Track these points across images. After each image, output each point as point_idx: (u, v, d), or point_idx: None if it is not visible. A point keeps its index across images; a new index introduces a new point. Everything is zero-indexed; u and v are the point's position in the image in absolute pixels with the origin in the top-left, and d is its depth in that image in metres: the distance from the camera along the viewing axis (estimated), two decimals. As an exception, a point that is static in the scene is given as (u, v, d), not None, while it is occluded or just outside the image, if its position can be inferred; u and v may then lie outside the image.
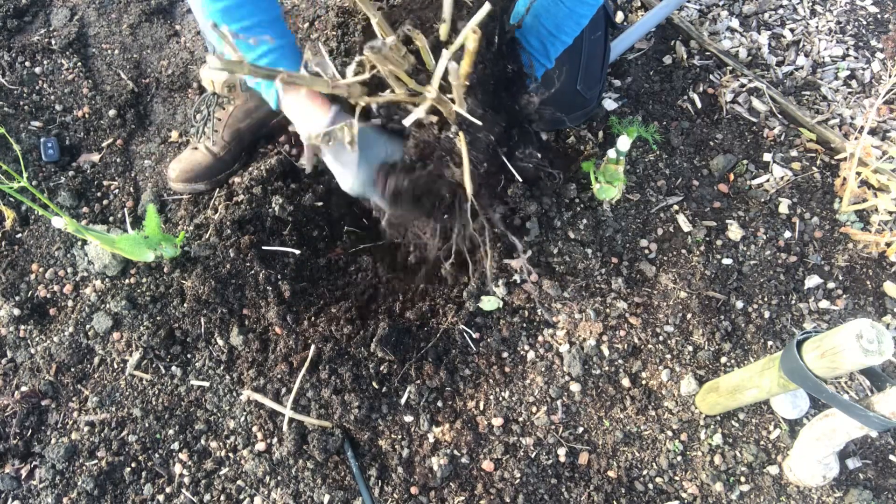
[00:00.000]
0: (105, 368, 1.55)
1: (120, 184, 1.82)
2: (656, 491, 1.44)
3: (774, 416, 1.53)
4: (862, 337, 1.03)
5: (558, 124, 1.81)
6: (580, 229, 1.70)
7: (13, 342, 1.58)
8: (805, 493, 1.45)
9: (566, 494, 1.42)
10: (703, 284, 1.66)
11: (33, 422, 1.49)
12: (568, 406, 1.52)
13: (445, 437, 1.47)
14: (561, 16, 1.33)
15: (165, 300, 1.61)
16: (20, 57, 1.99)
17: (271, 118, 1.83)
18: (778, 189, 1.81)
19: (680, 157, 1.85)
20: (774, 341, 1.61)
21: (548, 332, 1.59)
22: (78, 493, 1.41)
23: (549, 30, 1.35)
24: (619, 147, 1.61)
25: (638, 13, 2.14)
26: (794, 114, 1.92)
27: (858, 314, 1.66)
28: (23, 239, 1.72)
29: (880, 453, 1.50)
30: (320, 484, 1.41)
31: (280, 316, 1.54)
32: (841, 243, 1.74)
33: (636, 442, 1.49)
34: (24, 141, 1.84)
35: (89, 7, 2.12)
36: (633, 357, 1.57)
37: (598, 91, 1.78)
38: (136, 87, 1.98)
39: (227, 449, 1.47)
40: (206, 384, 1.53)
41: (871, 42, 2.12)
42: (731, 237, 1.73)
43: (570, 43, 1.38)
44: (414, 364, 1.52)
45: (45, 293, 1.64)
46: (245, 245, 1.60)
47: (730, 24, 2.13)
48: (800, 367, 1.13)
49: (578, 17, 1.35)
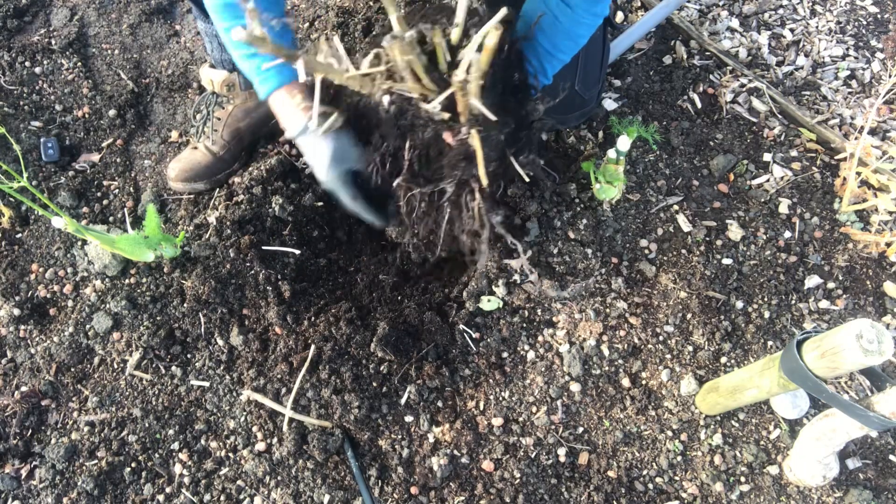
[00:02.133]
0: (105, 368, 1.55)
1: (120, 184, 1.82)
2: (656, 491, 1.44)
3: (774, 416, 1.53)
4: (862, 337, 1.03)
5: (558, 125, 1.81)
6: (580, 229, 1.70)
7: (13, 342, 1.58)
8: (805, 493, 1.45)
9: (566, 494, 1.42)
10: (703, 284, 1.66)
11: (33, 422, 1.49)
12: (568, 406, 1.52)
13: (445, 437, 1.47)
14: (559, 36, 1.34)
15: (165, 300, 1.61)
16: (20, 57, 1.99)
17: (271, 118, 1.82)
18: (778, 189, 1.81)
19: (680, 157, 1.85)
20: (774, 341, 1.61)
21: (548, 332, 1.59)
22: (78, 493, 1.41)
23: (546, 48, 1.35)
24: (619, 147, 1.61)
25: (638, 13, 2.14)
26: (794, 114, 1.92)
27: (858, 314, 1.66)
28: (23, 239, 1.72)
29: (880, 453, 1.50)
30: (320, 484, 1.41)
31: (280, 316, 1.54)
32: (841, 243, 1.74)
33: (636, 442, 1.49)
34: (24, 141, 1.84)
35: (89, 7, 2.12)
36: (633, 357, 1.57)
37: (598, 91, 1.78)
38: (136, 87, 1.98)
39: (227, 449, 1.47)
40: (206, 384, 1.53)
41: (871, 42, 2.12)
42: (731, 237, 1.73)
43: (567, 61, 1.39)
44: (414, 364, 1.52)
45: (45, 293, 1.64)
46: (245, 245, 1.60)
47: (730, 24, 2.13)
48: (800, 367, 1.13)
49: (576, 36, 1.36)
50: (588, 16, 1.31)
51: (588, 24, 1.34)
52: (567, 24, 1.32)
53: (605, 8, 1.32)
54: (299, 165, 1.79)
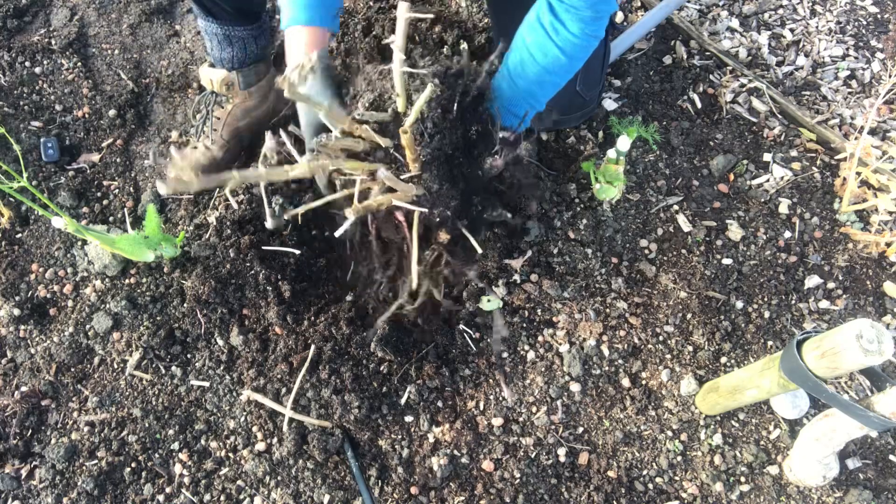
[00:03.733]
0: (105, 368, 1.55)
1: (120, 184, 1.82)
2: (656, 491, 1.44)
3: (774, 416, 1.53)
4: (862, 337, 1.03)
5: (558, 125, 1.81)
6: (580, 229, 1.70)
7: (13, 342, 1.58)
8: (805, 493, 1.45)
9: (566, 494, 1.42)
10: (703, 284, 1.66)
11: (33, 422, 1.49)
12: (568, 406, 1.52)
13: (445, 437, 1.47)
14: (515, 97, 1.34)
15: (165, 300, 1.61)
16: (20, 57, 1.99)
17: (270, 117, 1.83)
18: (778, 189, 1.81)
19: (680, 157, 1.85)
20: (774, 341, 1.61)
21: (548, 332, 1.59)
22: (78, 493, 1.41)
23: (504, 105, 1.34)
24: (619, 147, 1.61)
25: (638, 13, 2.14)
26: (794, 114, 1.92)
27: (858, 314, 1.66)
28: (23, 239, 1.72)
29: (880, 453, 1.50)
30: (320, 484, 1.42)
31: (280, 316, 1.54)
32: (841, 243, 1.74)
33: (636, 442, 1.49)
34: (24, 141, 1.84)
35: (89, 7, 2.12)
36: (633, 357, 1.57)
37: (598, 92, 1.78)
38: (136, 87, 1.98)
39: (227, 449, 1.47)
40: (206, 384, 1.53)
41: (871, 42, 2.12)
42: (731, 237, 1.73)
43: (520, 116, 1.37)
44: (414, 364, 1.52)
45: (45, 293, 1.64)
46: (245, 245, 1.60)
47: (730, 24, 2.13)
48: (800, 367, 1.13)
49: (531, 97, 1.35)
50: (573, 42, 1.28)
51: (546, 84, 1.34)
52: (524, 86, 1.31)
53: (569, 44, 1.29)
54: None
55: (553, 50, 1.27)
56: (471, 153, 1.34)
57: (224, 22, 1.53)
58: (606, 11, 1.24)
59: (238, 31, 1.55)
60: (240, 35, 1.56)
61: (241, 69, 1.65)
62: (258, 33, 1.61)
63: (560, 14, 1.24)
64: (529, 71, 1.31)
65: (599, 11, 1.22)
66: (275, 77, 1.79)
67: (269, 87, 1.77)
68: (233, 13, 1.52)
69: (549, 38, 1.26)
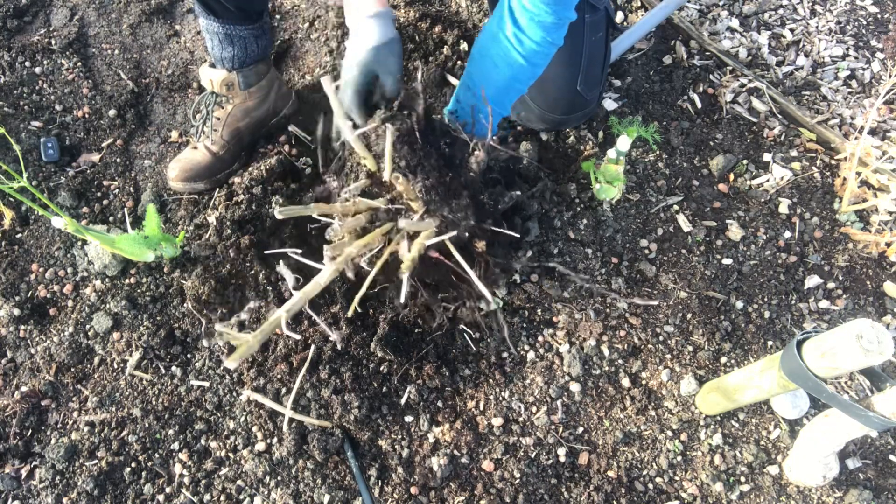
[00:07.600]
0: (105, 368, 1.55)
1: (120, 184, 1.82)
2: (656, 491, 1.44)
3: (774, 416, 1.53)
4: (862, 337, 1.03)
5: (558, 125, 1.81)
6: (580, 229, 1.70)
7: (13, 342, 1.58)
8: (805, 493, 1.45)
9: (566, 494, 1.42)
10: (703, 284, 1.66)
11: (33, 422, 1.49)
12: (568, 406, 1.52)
13: (445, 437, 1.47)
14: (482, 105, 1.42)
15: (165, 300, 1.61)
16: (20, 57, 1.99)
17: (270, 117, 1.83)
18: (778, 189, 1.81)
19: (680, 157, 1.85)
20: (774, 341, 1.61)
21: (548, 332, 1.59)
22: (78, 493, 1.41)
23: (471, 114, 1.45)
24: (619, 147, 1.61)
25: (638, 13, 2.14)
26: (794, 114, 1.92)
27: (858, 314, 1.66)
28: (23, 239, 1.72)
29: (880, 453, 1.50)
30: (320, 484, 1.42)
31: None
32: (841, 243, 1.74)
33: (636, 442, 1.49)
34: (24, 141, 1.84)
35: (89, 7, 2.12)
36: (633, 357, 1.58)
37: (599, 92, 1.78)
38: (136, 87, 1.98)
39: (227, 449, 1.47)
40: (206, 384, 1.53)
41: (871, 42, 2.12)
42: (731, 237, 1.73)
43: (487, 123, 1.44)
44: (414, 364, 1.52)
45: (45, 293, 1.64)
46: (245, 245, 1.60)
47: (730, 24, 2.13)
48: (800, 367, 1.13)
49: (497, 104, 1.43)
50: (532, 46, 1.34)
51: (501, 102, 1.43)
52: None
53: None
54: (299, 165, 1.79)
55: (518, 59, 1.35)
56: (454, 163, 1.40)
57: (225, 21, 1.53)
58: (567, 18, 1.30)
59: (239, 30, 1.55)
60: (241, 34, 1.56)
61: (241, 69, 1.65)
62: (259, 33, 1.61)
63: (522, 23, 1.31)
64: (495, 79, 1.40)
65: (561, 18, 1.28)
66: (275, 77, 1.79)
67: (270, 88, 1.77)
68: (234, 12, 1.52)
69: (514, 48, 1.33)
